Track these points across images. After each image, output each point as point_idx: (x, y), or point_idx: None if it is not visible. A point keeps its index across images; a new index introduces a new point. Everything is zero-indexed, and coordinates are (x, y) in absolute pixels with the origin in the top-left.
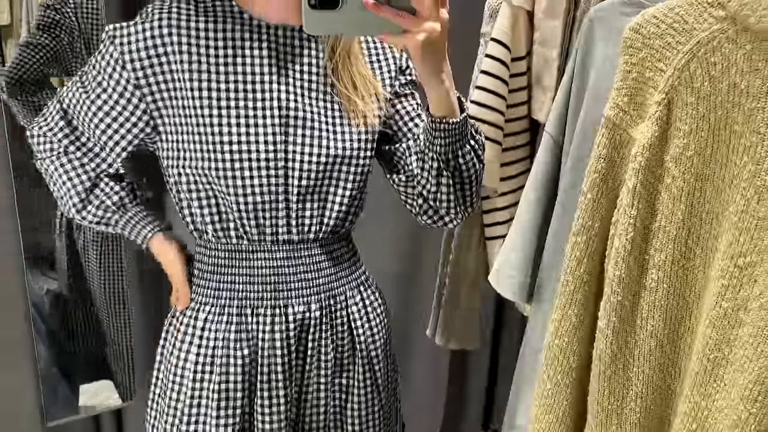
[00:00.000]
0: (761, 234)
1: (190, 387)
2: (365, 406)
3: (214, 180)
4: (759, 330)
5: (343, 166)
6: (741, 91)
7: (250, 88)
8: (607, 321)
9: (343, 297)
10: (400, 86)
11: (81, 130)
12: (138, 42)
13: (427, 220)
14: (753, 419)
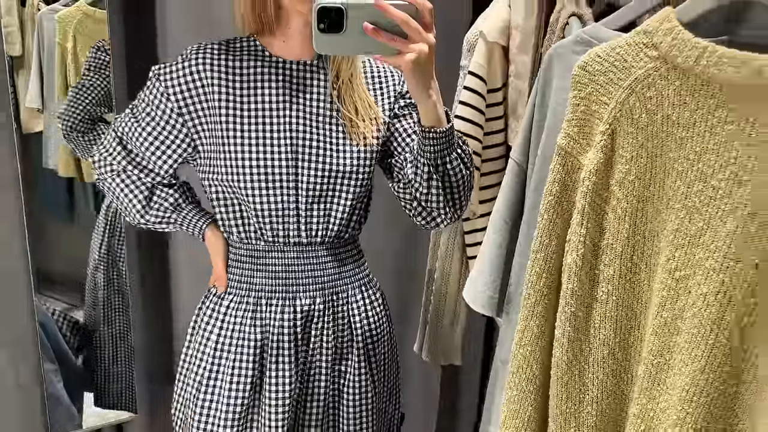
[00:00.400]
0: (693, 250)
1: (209, 362)
2: (359, 391)
3: (238, 191)
4: (692, 336)
5: (345, 180)
6: (673, 122)
7: (267, 115)
8: (563, 331)
9: (345, 294)
10: (399, 108)
11: (136, 152)
12: (179, 78)
13: (421, 221)
14: (690, 418)
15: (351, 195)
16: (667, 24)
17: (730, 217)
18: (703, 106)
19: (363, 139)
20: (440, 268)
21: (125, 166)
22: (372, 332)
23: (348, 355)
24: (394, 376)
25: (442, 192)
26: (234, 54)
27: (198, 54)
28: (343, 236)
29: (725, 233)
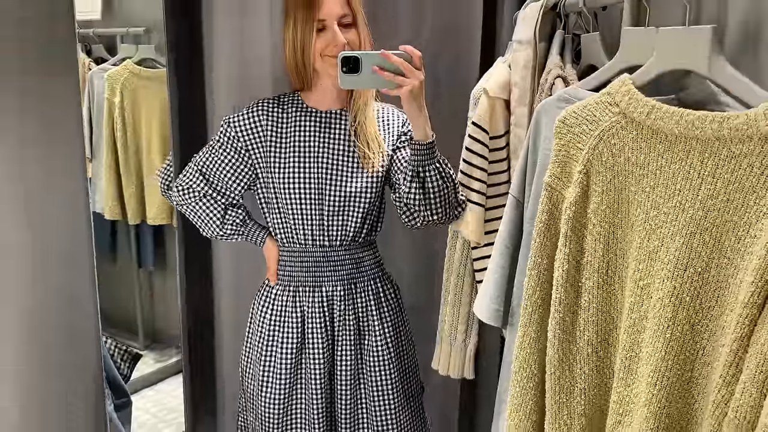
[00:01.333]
0: (652, 263)
1: (265, 337)
2: (380, 363)
3: (282, 206)
4: (654, 333)
5: (357, 199)
6: (632, 162)
7: (303, 151)
8: (554, 333)
9: (361, 285)
10: (400, 142)
11: (213, 180)
12: (244, 124)
13: (405, 220)
14: (655, 398)
15: (361, 210)
16: (625, 87)
17: (677, 236)
18: (654, 150)
19: (372, 167)
20: (453, 291)
21: (206, 191)
22: (385, 316)
23: (369, 334)
24: (412, 354)
25: (421, 195)
26: (282, 106)
27: (257, 106)
28: (357, 240)
29: (675, 248)
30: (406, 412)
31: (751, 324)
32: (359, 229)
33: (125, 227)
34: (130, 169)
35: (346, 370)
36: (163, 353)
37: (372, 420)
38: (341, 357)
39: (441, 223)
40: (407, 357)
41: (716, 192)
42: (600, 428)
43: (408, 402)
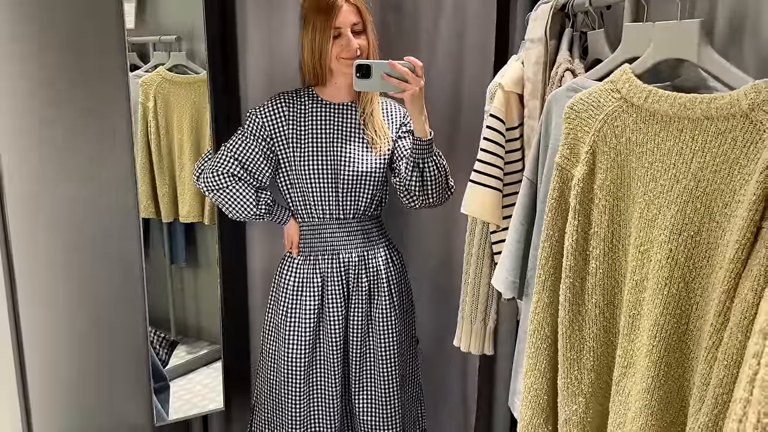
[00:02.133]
0: (651, 230)
1: (289, 300)
2: (386, 320)
3: (302, 186)
4: (653, 291)
5: (367, 178)
6: (633, 142)
7: (320, 138)
8: (565, 297)
9: (372, 252)
10: (401, 132)
11: (246, 164)
12: (267, 114)
13: (405, 202)
14: (655, 349)
15: (371, 187)
16: (626, 76)
17: (673, 205)
18: (652, 130)
19: (378, 150)
20: (473, 274)
21: (241, 174)
22: (392, 280)
23: (378, 295)
24: (411, 311)
25: (420, 183)
26: (300, 99)
27: (278, 98)
28: (367, 214)
29: (670, 216)
30: (404, 359)
31: (736, 277)
32: (369, 204)
33: (158, 225)
34: (164, 170)
35: (359, 325)
36: (194, 346)
37: (377, 364)
38: (355, 314)
39: (435, 205)
40: (408, 313)
41: (706, 164)
42: (607, 381)
43: (405, 350)
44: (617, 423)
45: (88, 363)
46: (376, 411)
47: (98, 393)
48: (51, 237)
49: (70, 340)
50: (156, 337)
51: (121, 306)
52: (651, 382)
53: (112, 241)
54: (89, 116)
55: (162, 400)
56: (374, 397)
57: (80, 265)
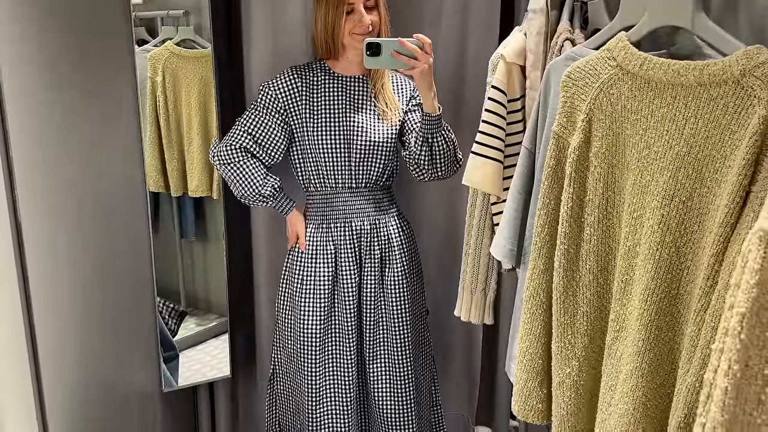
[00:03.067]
0: (644, 196)
1: (304, 270)
2: (398, 287)
3: (316, 155)
4: (645, 256)
5: (379, 147)
6: (628, 109)
7: (332, 110)
8: (560, 263)
9: (384, 220)
10: (411, 106)
11: (258, 138)
12: (280, 87)
13: (414, 175)
14: (646, 313)
15: (383, 157)
16: (621, 43)
17: (665, 171)
18: (646, 97)
19: (389, 122)
20: (474, 245)
21: (254, 149)
22: (403, 246)
23: (390, 263)
24: (420, 282)
25: (429, 157)
26: (312, 72)
27: (291, 72)
28: (378, 183)
29: (663, 182)
30: (415, 326)
31: (725, 241)
32: (381, 174)
33: (168, 199)
34: (172, 144)
35: (372, 292)
36: (204, 318)
37: (390, 330)
38: (367, 281)
39: (443, 178)
40: (418, 283)
41: (698, 131)
42: (600, 345)
43: (416, 321)
44: (609, 385)
45: (97, 332)
46: (389, 378)
47: (108, 361)
48: (59, 213)
49: (81, 311)
50: (165, 308)
51: (130, 277)
52: (642, 345)
53: (121, 215)
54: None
55: (171, 369)
56: (387, 363)
57: (89, 239)
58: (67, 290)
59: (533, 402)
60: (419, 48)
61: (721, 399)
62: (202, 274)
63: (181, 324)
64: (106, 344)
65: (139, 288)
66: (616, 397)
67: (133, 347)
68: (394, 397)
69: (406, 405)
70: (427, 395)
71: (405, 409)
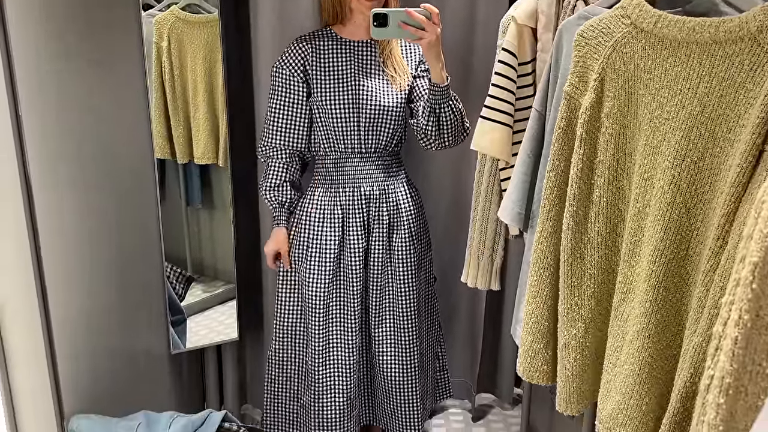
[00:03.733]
0: (655, 157)
1: (311, 233)
2: (405, 253)
3: (326, 119)
4: (655, 217)
5: (388, 112)
6: (641, 68)
7: (341, 75)
8: (568, 225)
9: (392, 186)
10: (419, 71)
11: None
12: (293, 57)
13: (421, 144)
14: (654, 274)
15: (392, 122)
16: (636, 1)
17: (677, 131)
18: (660, 56)
19: (398, 86)
20: (481, 210)
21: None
22: (411, 211)
23: (397, 228)
24: (428, 248)
25: (436, 127)
26: (320, 38)
27: (301, 41)
28: (388, 149)
29: (675, 142)
30: (421, 295)
31: (736, 201)
32: (390, 139)
33: (174, 166)
34: (178, 111)
35: (379, 257)
36: (211, 285)
37: (396, 295)
38: (375, 245)
39: (450, 146)
40: (425, 249)
41: (712, 89)
42: (607, 307)
43: (423, 287)
44: (615, 346)
45: (106, 295)
46: (394, 342)
47: (117, 323)
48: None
49: (89, 275)
50: (173, 272)
51: (139, 242)
52: (649, 306)
53: (129, 182)
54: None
55: (179, 332)
56: (392, 328)
57: (97, 205)
58: (77, 254)
59: (538, 363)
60: (427, 18)
61: (731, 349)
62: (209, 241)
63: (189, 289)
64: (115, 307)
65: (147, 252)
66: (622, 358)
67: (142, 310)
68: (399, 361)
69: (409, 369)
70: (434, 360)
71: (409, 373)
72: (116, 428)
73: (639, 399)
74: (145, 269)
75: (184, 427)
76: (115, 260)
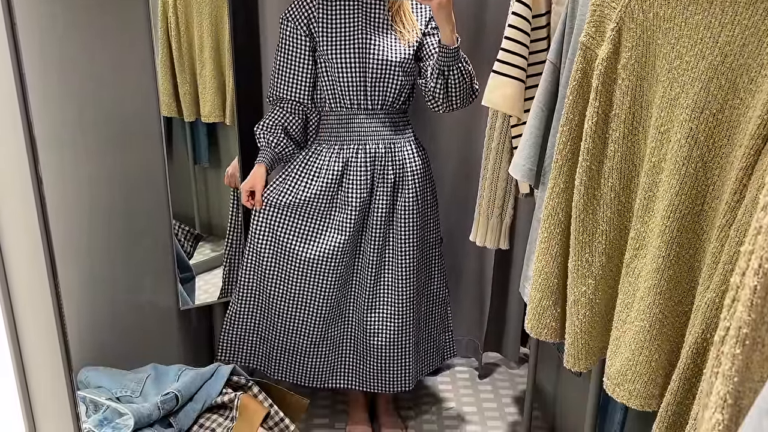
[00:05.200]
0: (672, 109)
1: (304, 178)
2: (408, 213)
3: (332, 72)
4: (670, 171)
5: (395, 67)
6: (660, 17)
7: (349, 27)
8: (581, 180)
9: (399, 144)
10: (429, 28)
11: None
12: (300, 9)
13: (429, 106)
14: (668, 229)
15: (399, 77)
16: None
17: (696, 82)
18: (680, 4)
19: (406, 41)
20: (491, 168)
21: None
22: (417, 171)
23: (403, 186)
24: (435, 209)
25: (444, 90)
26: None
27: None
28: (395, 106)
29: (694, 93)
30: (427, 257)
31: (756, 154)
32: (397, 96)
33: (181, 124)
34: (184, 68)
35: (382, 214)
36: (219, 244)
37: (396, 257)
38: (378, 203)
39: (459, 109)
40: (431, 209)
41: (734, 38)
42: (618, 264)
43: (428, 248)
44: (625, 303)
45: (116, 250)
46: (390, 302)
47: (127, 279)
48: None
49: (98, 233)
50: (181, 230)
51: (147, 199)
52: (662, 262)
53: (136, 138)
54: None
55: (187, 289)
56: (390, 286)
57: (105, 162)
58: (85, 213)
59: (547, 320)
60: None
61: (749, 299)
62: (216, 200)
63: (197, 247)
64: (124, 264)
65: (156, 210)
66: (632, 314)
67: (152, 267)
68: (393, 319)
69: (404, 328)
70: (439, 321)
71: (402, 332)
72: (125, 380)
73: (648, 355)
74: (154, 226)
75: (192, 379)
76: (123, 216)
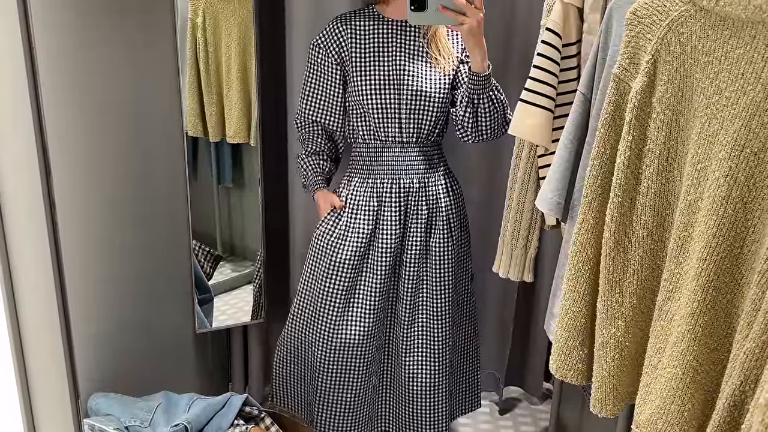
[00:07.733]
0: (710, 146)
1: (343, 221)
2: (443, 251)
3: (364, 105)
4: (708, 212)
5: (430, 99)
6: (699, 50)
7: (383, 56)
8: (612, 217)
9: (433, 179)
10: (465, 56)
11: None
12: (330, 37)
13: (459, 136)
14: (704, 272)
15: (435, 109)
16: None
17: (737, 119)
18: (720, 37)
19: (443, 70)
20: (517, 198)
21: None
22: (451, 207)
23: (436, 224)
24: (467, 245)
25: (473, 119)
26: (361, 18)
27: (340, 20)
28: (429, 138)
29: (733, 131)
30: (458, 294)
31: None
32: (432, 128)
33: (206, 144)
34: (211, 89)
35: (416, 253)
36: (239, 264)
37: (431, 298)
38: (412, 241)
39: (490, 140)
40: (464, 246)
41: None
42: (649, 306)
43: (459, 285)
44: (657, 348)
45: (133, 272)
46: (425, 342)
47: (143, 300)
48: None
49: (117, 251)
50: (201, 251)
51: (167, 219)
52: (697, 306)
53: (159, 157)
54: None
55: (205, 311)
56: (426, 328)
57: (126, 180)
58: (101, 230)
59: (573, 362)
60: (469, 2)
61: None
62: (239, 220)
63: (216, 268)
64: (142, 284)
65: (176, 230)
66: (664, 360)
67: (169, 288)
68: (429, 363)
69: (439, 372)
70: (469, 360)
71: (438, 376)
72: (135, 408)
73: (681, 405)
74: (173, 246)
75: (203, 410)
76: (143, 239)
